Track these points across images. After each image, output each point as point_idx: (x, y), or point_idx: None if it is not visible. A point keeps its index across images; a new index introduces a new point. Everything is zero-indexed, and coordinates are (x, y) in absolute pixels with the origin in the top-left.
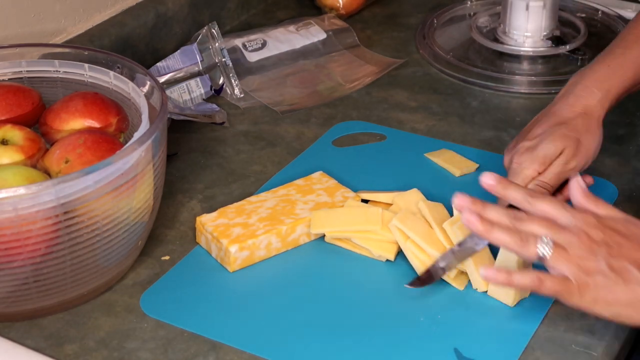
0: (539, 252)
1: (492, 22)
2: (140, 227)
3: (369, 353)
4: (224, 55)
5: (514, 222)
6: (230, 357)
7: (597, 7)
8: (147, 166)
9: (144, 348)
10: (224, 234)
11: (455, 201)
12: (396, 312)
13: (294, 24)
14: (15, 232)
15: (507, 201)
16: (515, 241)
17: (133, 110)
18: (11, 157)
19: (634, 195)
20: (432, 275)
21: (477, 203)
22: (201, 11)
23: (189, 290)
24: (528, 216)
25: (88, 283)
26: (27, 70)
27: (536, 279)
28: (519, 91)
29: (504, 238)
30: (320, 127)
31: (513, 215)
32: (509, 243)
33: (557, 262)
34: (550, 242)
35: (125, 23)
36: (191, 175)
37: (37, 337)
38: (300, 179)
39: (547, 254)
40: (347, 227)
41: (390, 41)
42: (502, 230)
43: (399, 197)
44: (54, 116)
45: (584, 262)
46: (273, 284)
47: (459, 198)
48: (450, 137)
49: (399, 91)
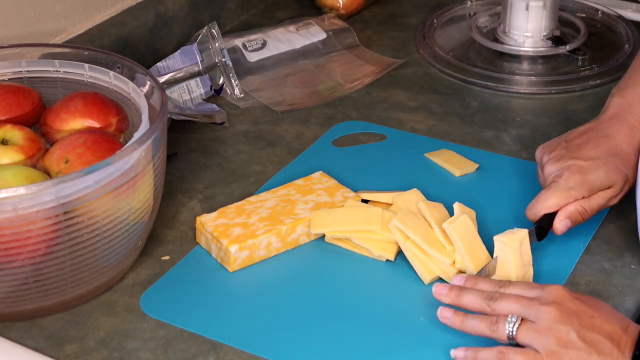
0: (506, 331)
1: (492, 22)
2: (140, 227)
3: (369, 353)
4: (224, 55)
5: (487, 302)
6: (230, 357)
7: (597, 7)
8: (147, 166)
9: (144, 348)
10: (224, 234)
11: (434, 290)
12: (396, 312)
13: (294, 24)
14: (15, 232)
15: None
16: (486, 326)
17: (133, 110)
18: (11, 157)
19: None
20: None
21: (453, 290)
22: (201, 11)
23: (189, 290)
24: (500, 294)
25: (88, 283)
26: (27, 70)
27: (498, 353)
28: (519, 91)
29: (476, 325)
30: (320, 127)
31: (486, 295)
32: (480, 329)
33: (524, 336)
34: (517, 319)
35: (125, 23)
36: (191, 175)
37: (37, 337)
38: (300, 179)
39: (513, 332)
40: (347, 227)
41: (390, 41)
42: (474, 318)
43: (399, 197)
44: (54, 116)
45: (553, 333)
46: (273, 284)
47: (437, 287)
48: (450, 137)
49: (399, 91)
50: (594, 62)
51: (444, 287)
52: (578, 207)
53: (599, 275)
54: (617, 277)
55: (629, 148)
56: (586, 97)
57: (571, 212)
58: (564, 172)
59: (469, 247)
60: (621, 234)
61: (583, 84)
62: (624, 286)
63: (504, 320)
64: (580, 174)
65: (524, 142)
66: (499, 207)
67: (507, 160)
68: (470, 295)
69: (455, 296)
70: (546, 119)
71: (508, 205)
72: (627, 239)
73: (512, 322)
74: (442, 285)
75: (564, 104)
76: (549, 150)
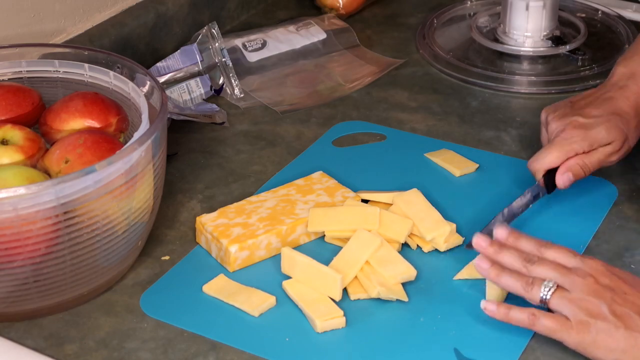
0: (541, 295)
1: (492, 22)
2: (140, 227)
3: (369, 353)
4: (224, 55)
5: (525, 264)
6: (230, 357)
7: (597, 7)
8: (147, 166)
9: (144, 348)
10: (224, 234)
11: (474, 240)
12: (396, 312)
13: (294, 24)
14: (15, 232)
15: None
16: (521, 285)
17: (133, 110)
18: (11, 157)
19: (634, 195)
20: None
21: (494, 245)
22: (201, 11)
23: (189, 290)
24: (539, 259)
25: (88, 283)
26: (27, 70)
27: (530, 315)
28: (519, 91)
29: (511, 283)
30: (320, 127)
31: (525, 257)
32: (515, 287)
33: (557, 303)
34: (553, 285)
35: (125, 23)
36: (191, 175)
37: (37, 337)
38: (300, 179)
39: (547, 297)
40: (344, 227)
41: (390, 41)
42: (510, 275)
43: (399, 197)
44: (54, 116)
45: (585, 304)
46: (273, 283)
47: (479, 238)
48: (450, 137)
49: (399, 91)
50: (594, 62)
51: (485, 240)
52: (579, 161)
53: None
54: None
55: (630, 110)
56: None
57: (572, 165)
58: (566, 127)
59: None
60: (621, 234)
61: (583, 84)
62: None
63: (539, 283)
64: (582, 128)
65: (524, 142)
66: (499, 207)
67: (507, 160)
68: (509, 254)
69: (494, 252)
70: None
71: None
72: (627, 239)
73: (548, 286)
74: (484, 237)
75: None
76: (553, 110)
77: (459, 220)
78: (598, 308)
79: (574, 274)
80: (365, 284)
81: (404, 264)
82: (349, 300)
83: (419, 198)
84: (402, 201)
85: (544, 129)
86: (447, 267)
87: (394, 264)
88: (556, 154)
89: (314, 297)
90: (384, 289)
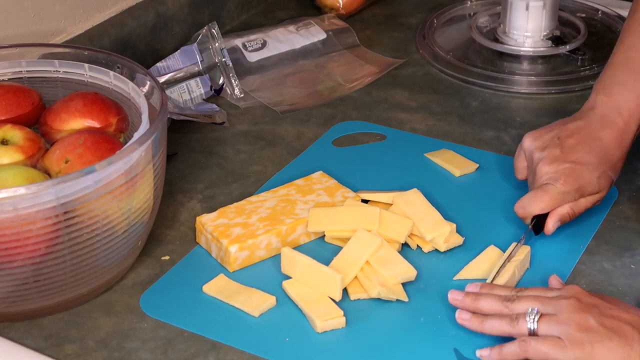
0: (528, 325)
1: (492, 22)
2: (140, 227)
3: (369, 353)
4: (224, 55)
5: (506, 303)
6: (230, 357)
7: (597, 7)
8: (147, 166)
9: (144, 348)
10: (224, 234)
11: (450, 297)
12: (396, 312)
13: (294, 24)
14: (15, 232)
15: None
16: (506, 322)
17: (133, 110)
18: (11, 157)
19: (634, 195)
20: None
21: (469, 297)
22: (201, 11)
23: (189, 290)
24: (518, 297)
25: (88, 283)
26: (27, 70)
27: (521, 342)
28: (519, 91)
29: (496, 324)
30: (320, 127)
31: (504, 297)
32: (500, 327)
33: (546, 328)
34: (537, 313)
35: (125, 23)
36: (191, 175)
37: (37, 337)
38: (300, 179)
39: (534, 326)
40: (344, 227)
41: (390, 41)
42: (493, 318)
43: (399, 197)
44: (54, 116)
45: (574, 320)
46: (273, 283)
47: (453, 293)
48: (450, 137)
49: (399, 91)
50: (594, 62)
51: (459, 294)
52: (569, 209)
53: (599, 275)
54: (617, 277)
55: (618, 153)
56: (586, 97)
57: (562, 214)
58: (560, 176)
59: (421, 216)
60: (621, 234)
61: (583, 84)
62: (624, 286)
63: (524, 316)
64: (576, 180)
65: None
66: (499, 207)
67: (507, 160)
68: (487, 299)
69: (471, 301)
70: (546, 119)
71: (508, 205)
72: (627, 239)
73: (532, 314)
74: (458, 292)
75: (564, 104)
76: (541, 146)
77: (459, 220)
78: (587, 321)
79: (557, 299)
80: (365, 284)
81: (404, 264)
82: (349, 300)
83: (419, 198)
84: (402, 201)
85: (527, 158)
86: (447, 267)
87: (394, 264)
88: (549, 202)
89: (314, 297)
90: (384, 289)
